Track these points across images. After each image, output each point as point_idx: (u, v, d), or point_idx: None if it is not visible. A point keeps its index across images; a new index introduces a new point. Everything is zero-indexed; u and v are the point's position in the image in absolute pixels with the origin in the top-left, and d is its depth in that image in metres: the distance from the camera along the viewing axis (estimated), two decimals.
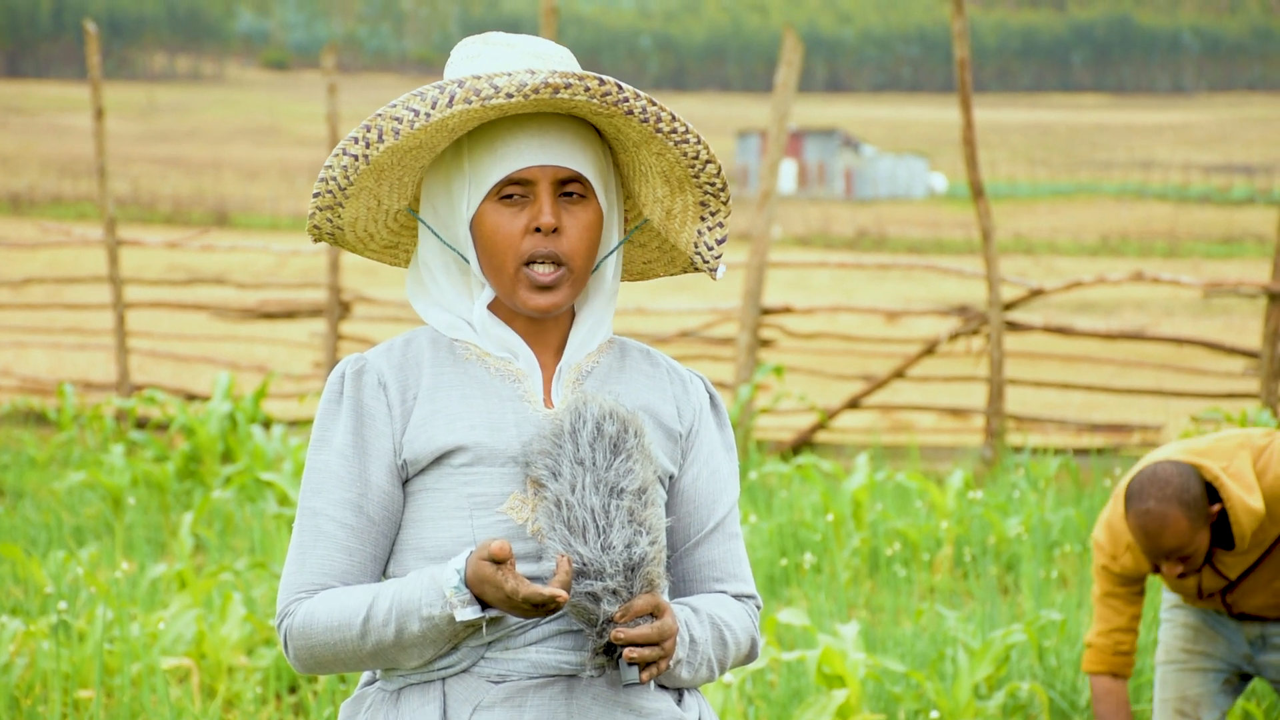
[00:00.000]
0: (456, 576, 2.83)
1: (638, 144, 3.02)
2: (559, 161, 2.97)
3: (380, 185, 3.01)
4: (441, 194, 3.04)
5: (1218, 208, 77.60)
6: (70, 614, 7.60)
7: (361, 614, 2.90)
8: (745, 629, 3.10)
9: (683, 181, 3.06)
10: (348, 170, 2.95)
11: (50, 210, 59.25)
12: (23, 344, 19.72)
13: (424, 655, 2.91)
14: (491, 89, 2.86)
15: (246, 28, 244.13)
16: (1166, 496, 5.01)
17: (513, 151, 2.96)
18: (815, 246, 56.32)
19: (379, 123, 2.91)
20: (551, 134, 2.97)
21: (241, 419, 12.72)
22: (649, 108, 2.93)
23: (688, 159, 3.02)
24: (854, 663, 6.55)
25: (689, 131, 2.98)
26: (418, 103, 2.89)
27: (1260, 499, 5.10)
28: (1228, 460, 5.15)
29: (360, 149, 2.93)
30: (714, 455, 3.14)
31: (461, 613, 2.83)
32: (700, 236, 3.13)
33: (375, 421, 2.99)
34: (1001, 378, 13.54)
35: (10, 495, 12.03)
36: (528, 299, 2.98)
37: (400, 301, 16.24)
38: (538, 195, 2.97)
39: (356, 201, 3.01)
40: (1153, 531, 5.04)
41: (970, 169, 13.48)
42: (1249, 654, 5.51)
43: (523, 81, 2.86)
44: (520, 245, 2.96)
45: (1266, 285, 12.82)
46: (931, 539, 9.97)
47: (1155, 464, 5.08)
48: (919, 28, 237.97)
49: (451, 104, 2.87)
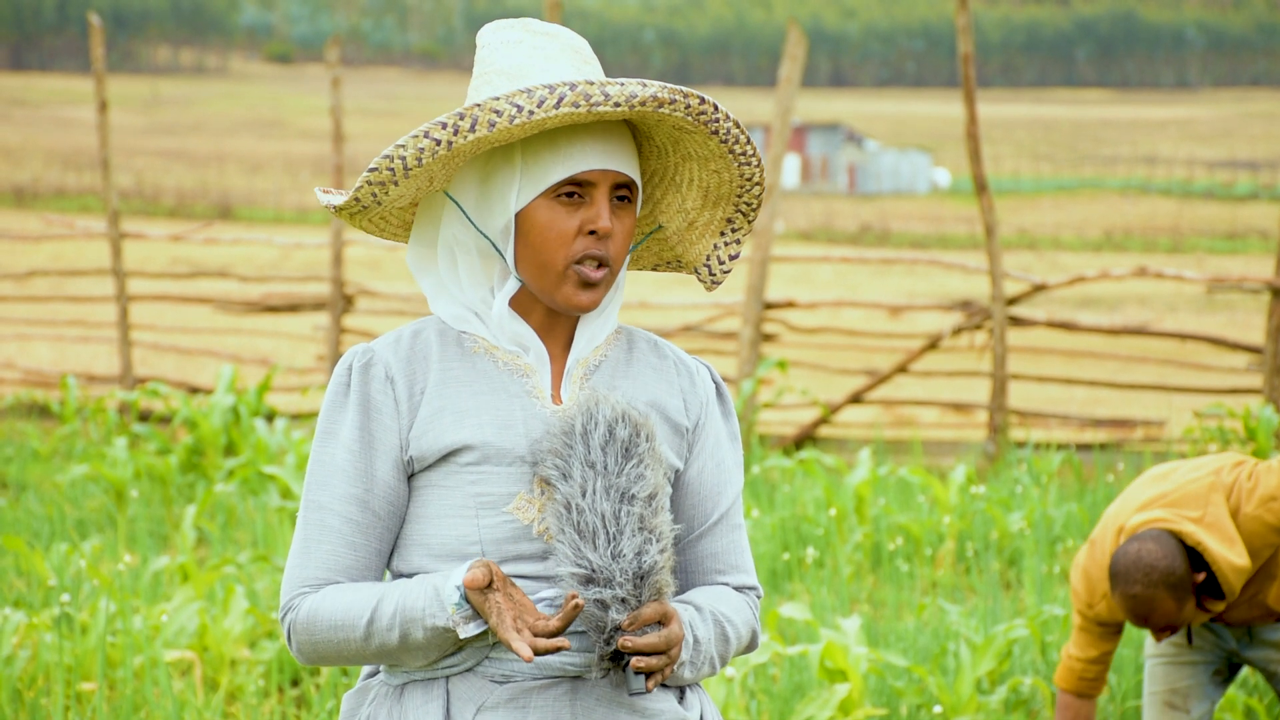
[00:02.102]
0: (458, 594, 2.84)
1: (692, 157, 3.04)
2: (619, 167, 2.97)
3: (443, 170, 2.98)
4: (475, 183, 3.02)
5: (1221, 203, 77.56)
6: (73, 606, 7.61)
7: (366, 616, 2.90)
8: (746, 621, 3.11)
9: (722, 198, 3.09)
10: (423, 153, 2.90)
11: (54, 203, 59.24)
12: (26, 336, 19.72)
13: (429, 657, 2.92)
14: (603, 95, 2.85)
15: (250, 21, 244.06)
16: (1153, 581, 5.07)
17: (577, 153, 2.95)
18: (818, 241, 56.29)
19: (475, 113, 2.87)
20: (614, 140, 2.98)
21: (245, 412, 12.72)
22: (733, 130, 2.96)
23: (743, 179, 3.05)
24: (856, 657, 6.56)
25: (755, 154, 3.01)
26: (524, 99, 2.86)
27: (1243, 549, 5.13)
28: (1202, 508, 5.17)
29: (448, 135, 2.89)
30: (719, 447, 3.14)
31: (464, 629, 2.85)
32: (715, 250, 3.14)
33: (382, 416, 2.99)
34: (1004, 373, 13.54)
35: (13, 488, 12.03)
36: (572, 295, 2.98)
37: (403, 295, 16.24)
38: (595, 198, 2.97)
39: (413, 182, 2.98)
40: (1142, 613, 5.13)
41: (974, 164, 13.48)
42: (1236, 649, 5.53)
43: (634, 93, 2.86)
44: (573, 244, 2.96)
45: (1270, 280, 12.81)
46: (934, 534, 9.97)
47: (1140, 543, 5.11)
48: (923, 22, 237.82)
49: (560, 105, 2.85)
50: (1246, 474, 5.25)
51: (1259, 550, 5.20)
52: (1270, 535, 5.18)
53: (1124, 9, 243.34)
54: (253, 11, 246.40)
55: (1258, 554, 5.21)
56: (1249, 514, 5.19)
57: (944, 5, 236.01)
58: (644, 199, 3.16)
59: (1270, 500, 5.18)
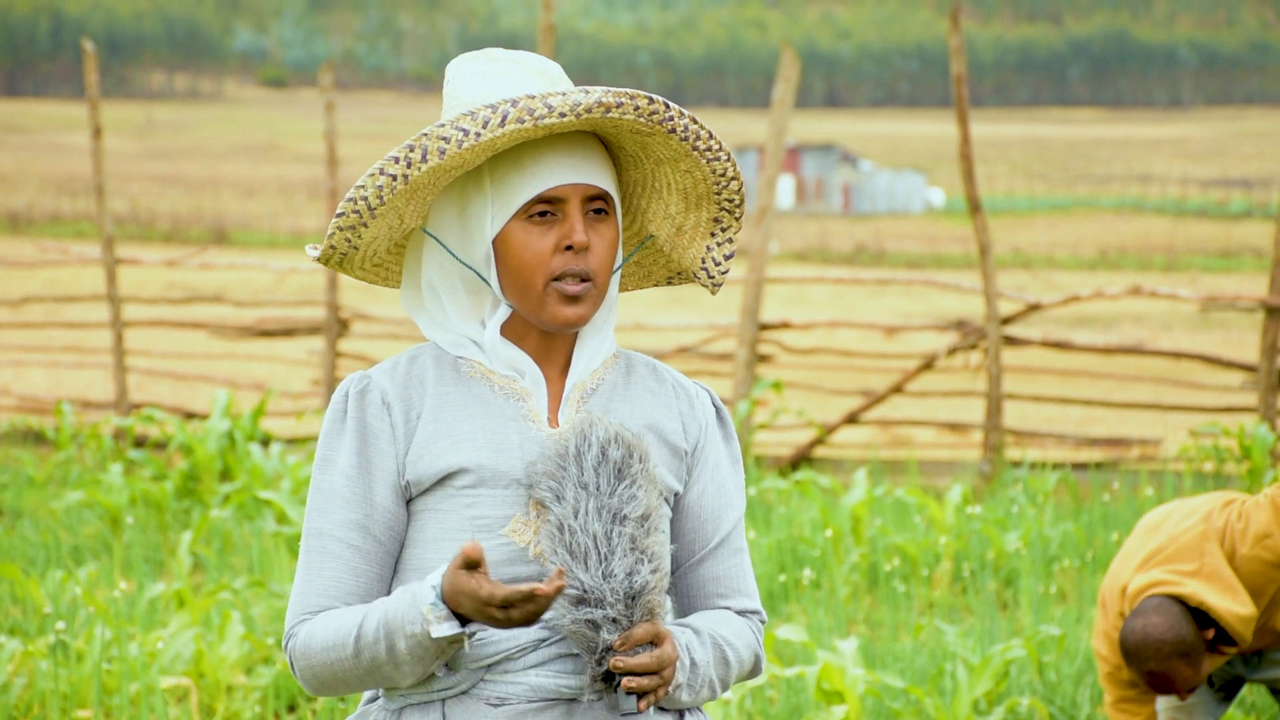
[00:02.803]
0: (433, 593, 2.82)
1: (662, 160, 3.03)
2: (588, 180, 2.97)
3: (409, 205, 2.99)
4: (454, 215, 3.02)
5: (1215, 221, 77.67)
6: (68, 633, 7.60)
7: (354, 633, 2.90)
8: (748, 646, 3.10)
9: (702, 198, 3.07)
10: (382, 190, 2.92)
11: (48, 229, 59.26)
12: (21, 363, 19.71)
13: (416, 672, 2.90)
14: (545, 108, 2.86)
15: (244, 45, 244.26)
16: (1165, 655, 5.09)
17: (543, 170, 2.95)
18: (813, 262, 56.35)
19: (424, 142, 2.88)
20: (579, 152, 2.97)
21: (240, 437, 12.70)
22: (690, 125, 2.95)
23: (715, 175, 3.03)
24: (853, 678, 6.55)
25: (721, 149, 3.00)
26: (468, 122, 2.87)
27: (1245, 595, 5.13)
28: (1199, 559, 5.17)
29: (401, 169, 2.90)
30: (720, 470, 3.14)
31: (438, 629, 2.82)
32: (709, 252, 3.13)
33: (379, 441, 2.99)
34: (1000, 392, 13.54)
35: (8, 514, 12.02)
36: (557, 312, 2.98)
37: (398, 319, 16.24)
38: (567, 213, 2.97)
39: (381, 221, 2.99)
40: (1163, 687, 5.16)
41: (968, 184, 13.48)
42: (1243, 672, 5.52)
43: (577, 101, 2.86)
44: (550, 263, 2.96)
45: (1264, 299, 12.82)
46: (930, 554, 9.96)
47: (1144, 619, 5.11)
48: (916, 43, 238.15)
49: (504, 123, 2.86)
50: (1236, 514, 5.24)
51: (1263, 588, 5.19)
52: (1270, 571, 5.18)
53: (1117, 28, 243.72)
54: (247, 36, 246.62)
55: (1262, 591, 5.20)
56: (1246, 555, 5.18)
57: (937, 25, 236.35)
58: (630, 209, 3.16)
59: (1264, 538, 5.17)
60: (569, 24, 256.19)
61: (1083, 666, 7.48)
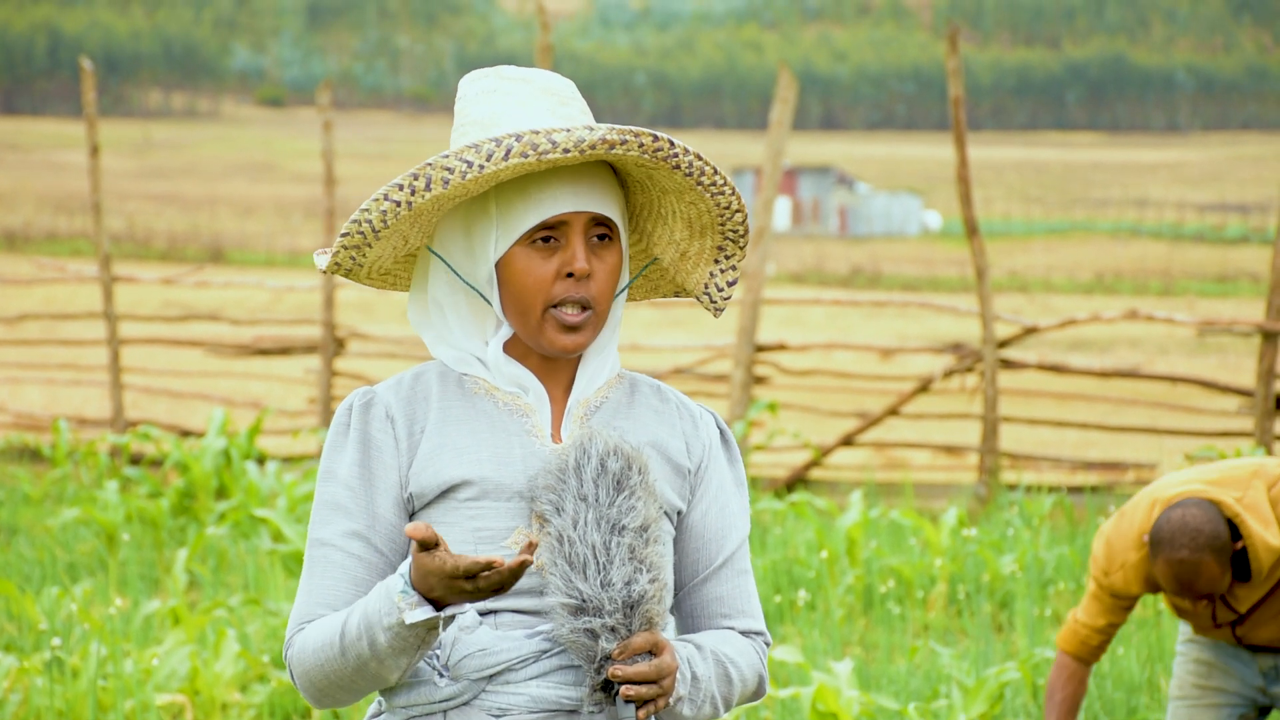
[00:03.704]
0: (402, 581, 2.83)
1: (667, 191, 3.05)
2: (592, 208, 2.99)
3: (413, 227, 3.03)
4: (459, 235, 3.05)
5: (1212, 246, 77.73)
6: (64, 650, 7.60)
7: (339, 631, 2.91)
8: (752, 666, 3.11)
9: (706, 228, 3.09)
10: (386, 215, 2.96)
11: (45, 246, 59.26)
12: (17, 380, 19.71)
13: (401, 665, 2.89)
14: (549, 144, 2.88)
15: (242, 64, 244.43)
16: (1199, 545, 5.03)
17: (548, 198, 2.97)
18: (810, 283, 56.37)
19: (428, 171, 2.92)
20: (585, 180, 3.00)
21: (236, 455, 12.71)
22: (695, 162, 2.97)
23: (719, 209, 3.05)
24: (848, 700, 6.55)
25: (726, 184, 3.02)
26: (472, 154, 2.90)
27: (1277, 533, 5.11)
28: (1242, 490, 5.16)
29: (405, 195, 2.94)
30: (724, 491, 3.15)
31: (411, 615, 2.81)
32: (712, 278, 3.15)
33: (382, 454, 3.01)
34: (996, 415, 13.55)
35: (4, 531, 12.01)
36: (555, 339, 3.00)
37: (394, 338, 16.25)
38: (570, 240, 2.99)
39: (385, 243, 3.03)
40: (1186, 580, 5.08)
41: (965, 206, 13.50)
42: (1263, 686, 5.49)
43: (580, 138, 2.88)
44: (551, 289, 2.99)
45: (1260, 324, 12.83)
46: (925, 576, 9.96)
47: (1183, 509, 5.08)
48: (914, 66, 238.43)
49: (508, 157, 2.88)
50: None
51: None
52: None
53: (1114, 52, 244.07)
54: (244, 55, 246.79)
55: None
56: None
57: (934, 48, 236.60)
58: (635, 231, 3.18)
59: None
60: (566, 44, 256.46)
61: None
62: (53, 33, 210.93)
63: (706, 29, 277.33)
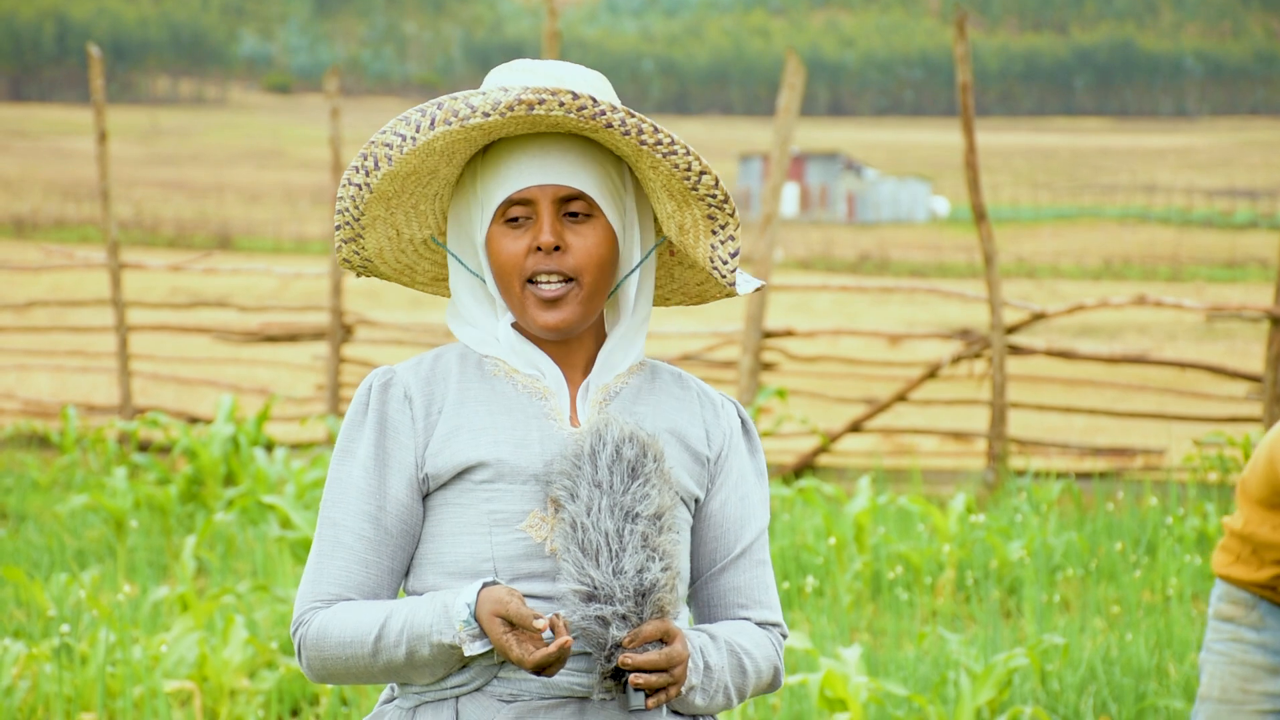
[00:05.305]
0: (467, 610, 2.86)
1: (633, 159, 3.02)
2: (558, 180, 2.98)
3: (393, 214, 3.05)
4: (462, 220, 3.07)
5: (1220, 232, 77.66)
6: (73, 637, 7.60)
7: (374, 632, 2.92)
8: (767, 657, 3.09)
9: (684, 195, 3.04)
10: (355, 200, 3.00)
11: (53, 233, 59.34)
12: (26, 367, 19.72)
13: (435, 674, 2.94)
14: (468, 109, 2.89)
15: (249, 51, 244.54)
16: None
17: (513, 172, 2.98)
18: (817, 269, 56.36)
19: (373, 150, 2.96)
20: (553, 154, 2.98)
21: (244, 442, 12.72)
22: (627, 120, 2.92)
23: (680, 171, 2.98)
24: (856, 686, 6.55)
25: (675, 143, 2.95)
26: (403, 127, 2.94)
27: None
28: None
29: (361, 178, 2.98)
30: (744, 480, 3.14)
31: (470, 647, 2.86)
32: (714, 250, 3.11)
33: (399, 434, 3.02)
34: (1004, 401, 13.54)
35: (13, 518, 12.03)
36: (536, 316, 3.00)
37: (403, 324, 16.26)
38: (539, 215, 2.98)
39: (375, 232, 3.05)
40: None
41: (973, 192, 13.49)
42: None
43: (497, 100, 2.88)
44: (524, 264, 2.98)
45: (1269, 309, 12.82)
46: (934, 562, 9.96)
47: None
48: (921, 52, 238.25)
49: (433, 126, 2.91)
50: None
51: None
52: None
53: (1122, 38, 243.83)
54: (252, 42, 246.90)
55: None
56: None
57: (942, 34, 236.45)
58: (646, 211, 3.14)
59: None
60: (574, 31, 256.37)
61: (1085, 675, 7.48)
62: (60, 20, 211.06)
63: (714, 15, 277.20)
